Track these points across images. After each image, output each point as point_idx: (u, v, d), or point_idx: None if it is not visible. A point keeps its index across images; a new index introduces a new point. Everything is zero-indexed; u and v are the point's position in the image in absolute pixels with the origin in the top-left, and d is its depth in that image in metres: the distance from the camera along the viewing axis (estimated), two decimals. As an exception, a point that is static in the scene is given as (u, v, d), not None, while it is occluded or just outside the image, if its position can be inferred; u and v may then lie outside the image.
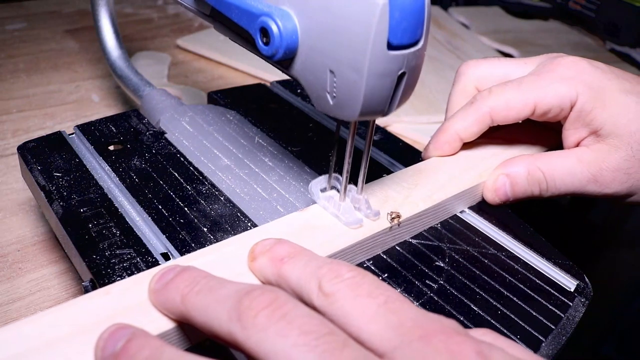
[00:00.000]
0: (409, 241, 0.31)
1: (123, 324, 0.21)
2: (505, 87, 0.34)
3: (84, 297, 0.22)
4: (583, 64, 0.34)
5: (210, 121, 0.41)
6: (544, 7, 1.04)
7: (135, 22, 0.81)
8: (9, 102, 0.58)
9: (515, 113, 0.34)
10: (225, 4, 0.27)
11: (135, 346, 0.19)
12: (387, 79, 0.23)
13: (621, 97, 0.33)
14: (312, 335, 0.18)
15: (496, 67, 0.37)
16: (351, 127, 0.27)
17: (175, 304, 0.21)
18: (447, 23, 0.91)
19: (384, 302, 0.19)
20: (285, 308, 0.19)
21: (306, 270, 0.21)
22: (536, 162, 0.34)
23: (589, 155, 0.34)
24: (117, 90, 0.62)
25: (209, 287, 0.20)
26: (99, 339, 0.20)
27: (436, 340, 0.18)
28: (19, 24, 0.76)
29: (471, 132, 0.35)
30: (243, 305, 0.19)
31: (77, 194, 0.32)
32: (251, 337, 0.18)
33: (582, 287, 0.29)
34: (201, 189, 0.34)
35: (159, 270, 0.23)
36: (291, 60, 0.25)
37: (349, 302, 0.19)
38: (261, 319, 0.18)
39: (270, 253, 0.23)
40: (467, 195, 0.34)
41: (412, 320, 0.19)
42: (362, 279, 0.20)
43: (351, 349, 0.18)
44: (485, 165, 0.35)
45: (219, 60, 0.71)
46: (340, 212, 0.28)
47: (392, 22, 0.22)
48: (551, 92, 0.33)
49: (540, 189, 0.34)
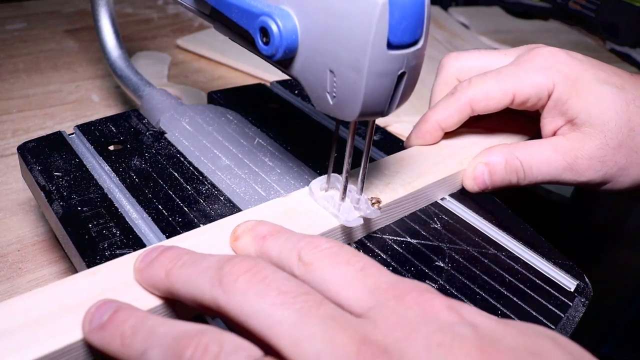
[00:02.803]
0: (408, 241, 0.31)
1: (110, 299, 0.22)
2: (484, 77, 0.35)
3: (72, 278, 0.23)
4: (560, 54, 0.35)
5: (210, 121, 0.41)
6: (544, 7, 1.04)
7: (135, 22, 0.81)
8: (9, 102, 0.58)
9: (494, 102, 0.35)
10: (225, 3, 0.27)
11: (122, 317, 0.20)
12: (387, 79, 0.23)
13: (596, 87, 0.34)
14: (289, 295, 0.19)
15: (476, 59, 0.38)
16: (351, 127, 0.27)
17: (160, 279, 0.22)
18: (447, 23, 0.91)
19: (361, 269, 0.20)
20: (264, 273, 0.19)
21: (287, 244, 0.22)
22: (514, 151, 0.35)
23: (565, 143, 0.34)
24: (117, 90, 0.62)
25: (192, 260, 0.21)
26: (87, 313, 0.21)
27: (409, 298, 0.19)
28: (19, 24, 0.76)
29: (452, 121, 0.36)
30: (224, 271, 0.20)
31: (77, 194, 0.32)
32: (232, 300, 0.19)
33: (582, 287, 0.29)
34: (201, 189, 0.34)
35: (144, 250, 0.23)
36: (291, 60, 0.25)
37: (327, 269, 0.20)
38: (241, 283, 0.19)
39: (253, 232, 0.24)
40: (447, 183, 0.34)
41: (387, 283, 0.20)
42: (340, 249, 0.21)
43: (327, 307, 0.19)
44: (466, 154, 0.36)
45: (219, 60, 0.71)
46: (340, 212, 0.28)
47: (392, 21, 0.22)
48: (529, 82, 0.34)
49: (517, 177, 0.35)
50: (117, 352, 0.19)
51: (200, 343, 0.18)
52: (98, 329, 0.20)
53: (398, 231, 0.31)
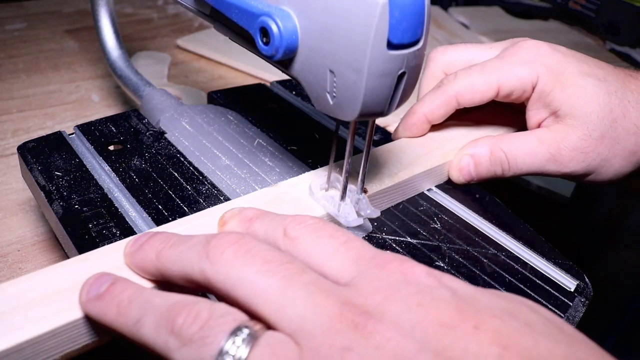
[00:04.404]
0: (408, 241, 0.31)
1: (107, 272, 0.22)
2: (470, 70, 0.36)
3: (63, 263, 0.24)
4: (544, 47, 0.36)
5: (210, 121, 0.41)
6: (544, 7, 1.04)
7: (135, 22, 0.81)
8: (9, 102, 0.58)
9: (479, 95, 0.36)
10: (225, 4, 0.27)
11: (119, 288, 0.21)
12: (387, 79, 0.23)
13: (579, 79, 0.34)
14: (274, 264, 0.19)
15: (463, 52, 0.39)
16: (351, 127, 0.27)
17: (150, 260, 0.22)
18: (447, 23, 0.91)
19: (344, 242, 0.21)
20: (250, 245, 0.20)
21: (272, 223, 0.23)
22: (499, 143, 0.35)
23: (548, 135, 0.35)
24: (117, 90, 0.62)
25: (181, 240, 0.22)
26: (84, 285, 0.22)
27: (391, 266, 0.20)
28: (19, 24, 0.76)
29: (438, 114, 0.37)
30: (210, 245, 0.20)
31: (77, 194, 0.32)
32: (219, 270, 0.20)
33: (582, 287, 0.29)
34: (201, 189, 0.34)
35: (133, 236, 0.24)
36: (291, 60, 0.25)
37: (311, 242, 0.21)
38: (227, 254, 0.20)
39: (240, 216, 0.24)
40: (433, 174, 0.35)
41: (369, 254, 0.20)
42: (324, 224, 0.22)
43: (310, 274, 0.19)
44: (452, 146, 0.37)
45: (219, 60, 0.71)
46: (340, 211, 0.28)
47: (392, 21, 0.22)
48: (513, 75, 0.35)
49: (502, 168, 0.35)
50: (113, 321, 0.20)
51: (192, 310, 0.19)
52: (95, 299, 0.21)
53: (398, 231, 0.31)
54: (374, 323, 0.17)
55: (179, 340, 0.18)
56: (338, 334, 0.17)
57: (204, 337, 0.18)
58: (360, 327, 0.17)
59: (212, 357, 0.18)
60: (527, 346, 0.17)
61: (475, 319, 0.17)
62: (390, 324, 0.17)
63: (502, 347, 0.16)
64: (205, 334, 0.18)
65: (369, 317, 0.18)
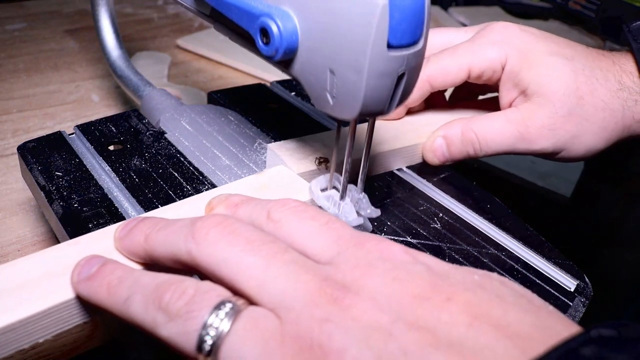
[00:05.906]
0: (409, 241, 0.31)
1: (98, 254, 0.23)
2: (441, 54, 0.37)
3: (55, 247, 0.24)
4: (512, 28, 0.37)
5: (210, 121, 0.41)
6: (544, 7, 1.04)
7: (135, 22, 0.81)
8: (9, 102, 0.58)
9: (451, 78, 0.37)
10: (225, 4, 0.27)
11: (109, 269, 0.22)
12: (387, 79, 0.23)
13: (547, 58, 0.35)
14: (256, 243, 0.20)
15: (437, 36, 0.40)
16: (351, 126, 0.27)
17: (139, 244, 0.23)
18: (447, 23, 0.91)
19: (325, 223, 0.22)
20: (234, 226, 0.21)
21: (257, 207, 0.24)
22: (470, 124, 0.36)
23: (516, 114, 0.36)
24: (117, 90, 0.62)
25: (169, 223, 0.23)
26: (75, 266, 0.22)
27: (369, 245, 0.21)
28: (19, 24, 0.76)
29: (413, 98, 0.37)
30: (196, 227, 0.21)
31: (77, 194, 0.32)
32: (204, 250, 0.20)
33: (582, 287, 0.29)
34: (201, 189, 0.34)
35: (123, 221, 0.25)
36: (291, 60, 0.25)
37: (294, 224, 0.22)
38: (212, 235, 0.21)
39: (226, 202, 0.25)
40: (403, 153, 0.36)
41: (350, 234, 0.21)
42: (306, 207, 0.23)
43: (292, 253, 0.20)
44: (428, 130, 0.38)
45: (219, 60, 0.71)
46: (341, 211, 0.28)
47: (392, 22, 0.22)
48: (483, 56, 0.36)
49: (474, 149, 0.36)
50: (103, 300, 0.21)
51: (179, 288, 0.20)
52: (86, 280, 0.22)
53: (398, 231, 0.31)
54: (352, 297, 0.18)
55: (166, 315, 0.19)
56: (317, 307, 0.18)
57: (189, 311, 0.19)
58: (338, 301, 0.18)
59: (196, 331, 0.18)
60: (496, 315, 0.17)
61: (448, 291, 0.18)
62: (367, 298, 0.18)
63: (472, 317, 0.17)
64: (191, 309, 0.19)
65: (346, 291, 0.19)
